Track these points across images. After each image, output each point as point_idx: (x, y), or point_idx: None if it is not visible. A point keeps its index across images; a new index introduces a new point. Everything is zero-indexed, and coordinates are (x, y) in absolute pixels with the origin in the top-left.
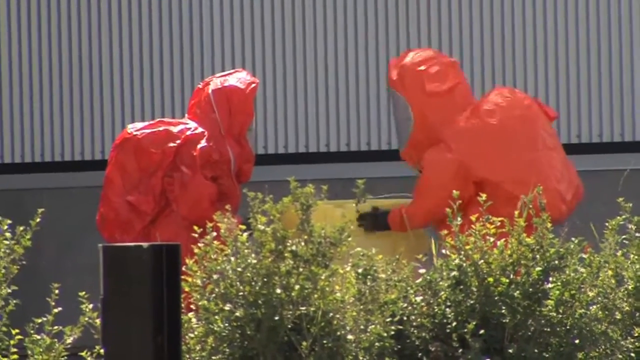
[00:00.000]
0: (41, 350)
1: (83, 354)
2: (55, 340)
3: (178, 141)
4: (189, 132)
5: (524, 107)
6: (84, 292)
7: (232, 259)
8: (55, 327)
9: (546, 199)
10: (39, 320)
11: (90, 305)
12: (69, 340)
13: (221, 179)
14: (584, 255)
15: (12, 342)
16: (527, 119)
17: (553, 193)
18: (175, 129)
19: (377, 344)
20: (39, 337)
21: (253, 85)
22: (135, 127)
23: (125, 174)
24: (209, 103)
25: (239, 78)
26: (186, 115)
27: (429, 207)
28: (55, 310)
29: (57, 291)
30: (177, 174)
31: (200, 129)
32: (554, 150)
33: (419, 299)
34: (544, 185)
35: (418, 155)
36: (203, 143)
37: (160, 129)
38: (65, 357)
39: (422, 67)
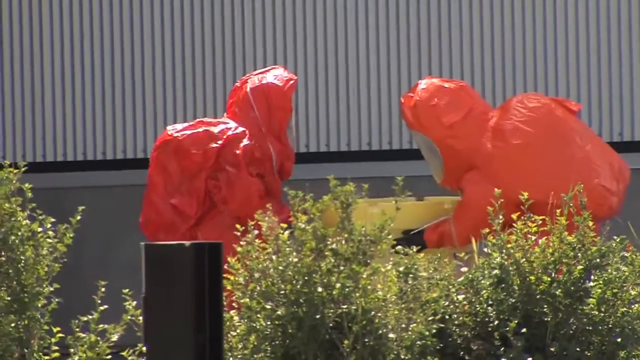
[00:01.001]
0: (85, 348)
1: (125, 353)
2: (99, 338)
3: (220, 142)
4: (230, 132)
5: (545, 117)
6: (127, 290)
7: (274, 257)
8: (100, 326)
9: (593, 197)
10: (84, 318)
11: (134, 303)
12: (114, 337)
13: (265, 177)
14: (626, 254)
15: (53, 340)
16: (552, 127)
17: (598, 190)
18: (215, 130)
19: (418, 342)
20: (83, 335)
21: (291, 82)
22: (175, 129)
23: (167, 175)
24: (247, 101)
25: (276, 75)
26: (225, 114)
27: (469, 229)
28: (101, 308)
29: (103, 289)
30: (222, 174)
31: (240, 128)
32: (588, 144)
33: (460, 297)
34: (587, 185)
35: (457, 180)
36: (245, 141)
37: (200, 129)
38: (110, 356)
39: (433, 102)
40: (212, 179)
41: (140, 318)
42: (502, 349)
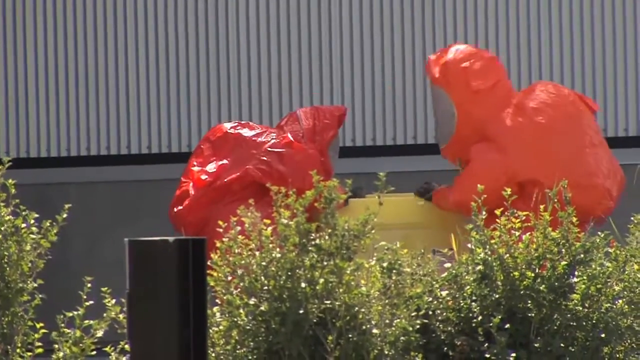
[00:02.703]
0: (70, 343)
1: (107, 349)
2: (83, 334)
3: (259, 130)
4: (269, 130)
5: (570, 105)
6: (106, 288)
7: (257, 253)
8: (85, 321)
9: (594, 196)
10: (70, 314)
11: (113, 301)
12: (99, 333)
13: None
14: (610, 250)
15: (36, 335)
16: (574, 117)
17: (601, 191)
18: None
19: (402, 338)
20: (68, 330)
21: (341, 107)
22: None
23: (199, 153)
24: (295, 118)
25: (326, 105)
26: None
27: (464, 199)
28: (87, 304)
29: (89, 285)
30: (271, 156)
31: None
32: (600, 146)
33: (444, 293)
34: (592, 183)
35: (462, 150)
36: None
37: (243, 122)
38: (95, 352)
39: (466, 64)
40: (259, 165)
41: (121, 316)
42: (486, 344)
